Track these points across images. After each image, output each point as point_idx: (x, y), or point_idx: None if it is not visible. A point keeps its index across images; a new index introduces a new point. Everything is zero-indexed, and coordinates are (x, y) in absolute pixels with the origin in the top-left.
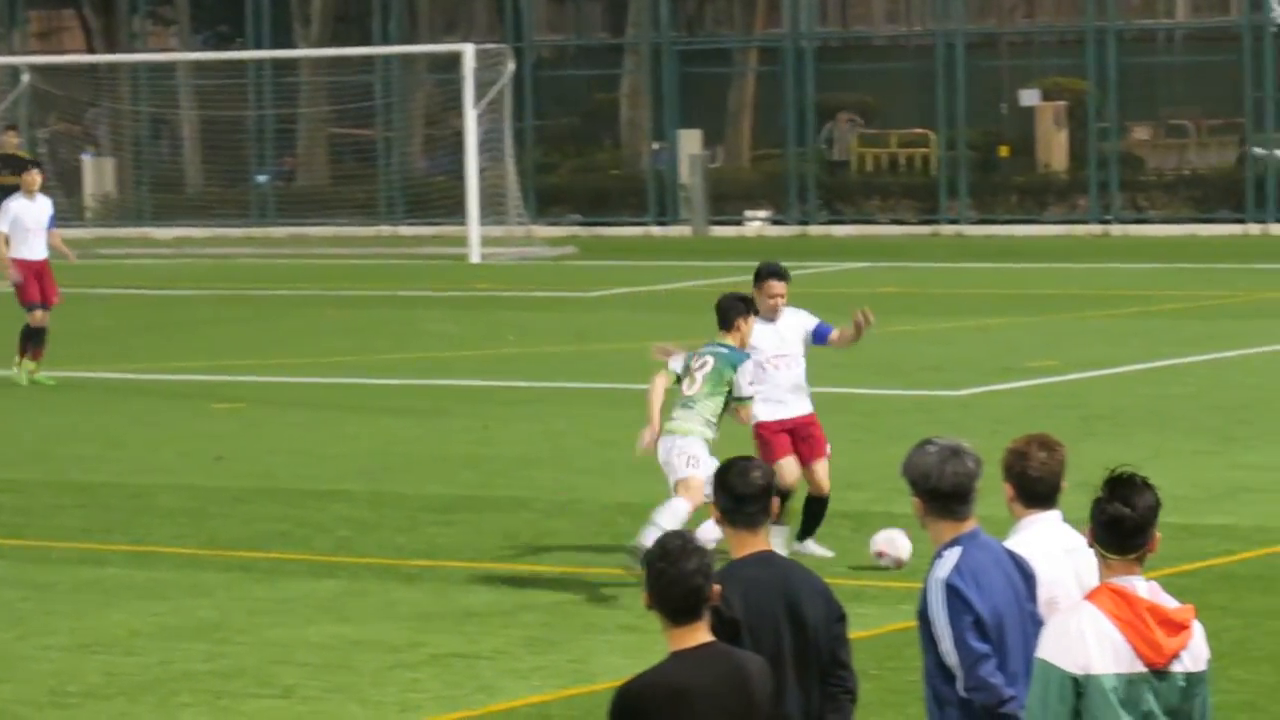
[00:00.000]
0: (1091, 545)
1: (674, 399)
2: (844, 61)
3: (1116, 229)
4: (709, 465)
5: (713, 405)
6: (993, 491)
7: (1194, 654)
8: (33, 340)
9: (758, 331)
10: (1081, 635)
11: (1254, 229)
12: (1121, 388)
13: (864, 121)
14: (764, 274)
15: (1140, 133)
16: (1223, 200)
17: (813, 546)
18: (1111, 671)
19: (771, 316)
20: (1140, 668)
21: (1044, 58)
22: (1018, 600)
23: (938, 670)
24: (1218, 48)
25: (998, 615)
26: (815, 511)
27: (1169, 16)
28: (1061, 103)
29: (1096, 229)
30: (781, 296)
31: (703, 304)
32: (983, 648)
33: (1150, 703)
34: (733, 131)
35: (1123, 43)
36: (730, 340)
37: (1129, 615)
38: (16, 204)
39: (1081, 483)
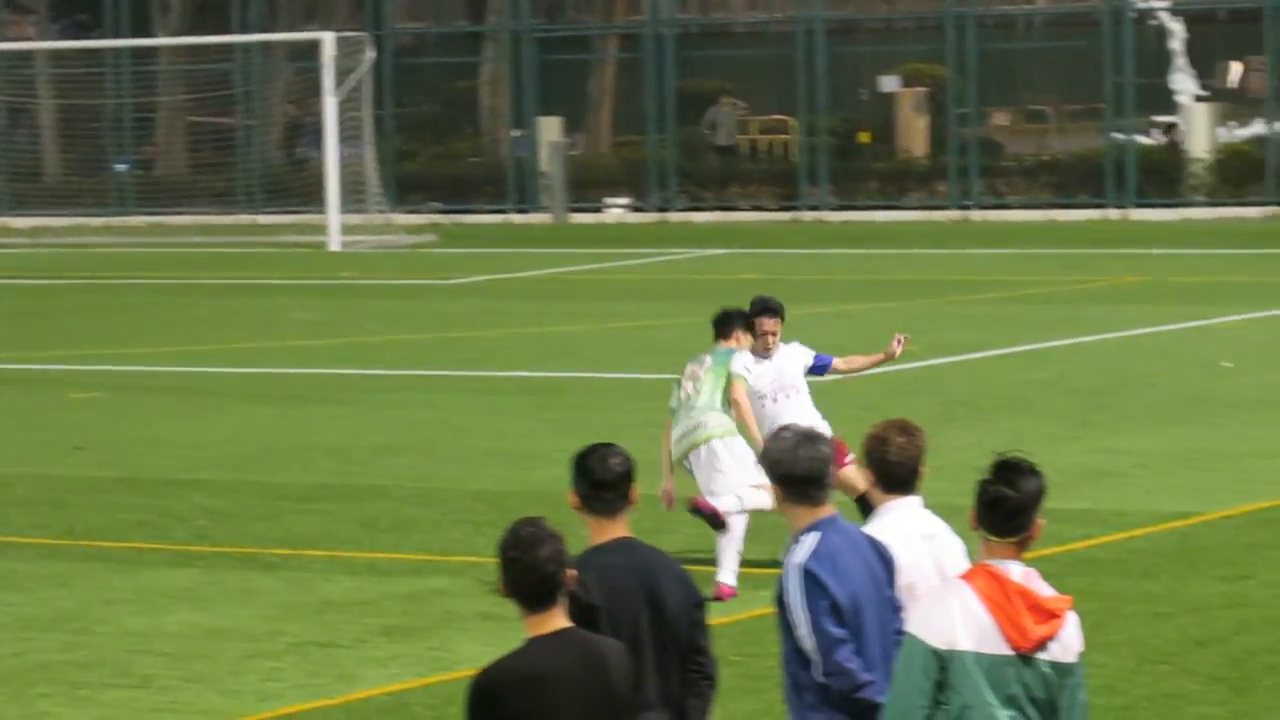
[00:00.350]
0: (975, 527)
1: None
2: (704, 48)
3: (976, 214)
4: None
5: (722, 396)
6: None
7: (1064, 644)
8: None
9: (755, 371)
10: (949, 612)
11: (1113, 214)
12: (981, 373)
13: (747, 107)
14: (756, 309)
15: (1000, 118)
16: (1082, 185)
17: None
18: (975, 649)
19: (765, 353)
20: (1005, 650)
21: (904, 44)
22: (876, 586)
23: (795, 656)
24: (1077, 33)
25: (855, 600)
26: None
27: (1029, 2)
28: (921, 89)
29: (956, 215)
30: (773, 334)
31: (563, 291)
32: (839, 633)
33: (1015, 687)
34: (593, 119)
35: (983, 29)
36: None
37: (999, 597)
38: None
39: (942, 467)
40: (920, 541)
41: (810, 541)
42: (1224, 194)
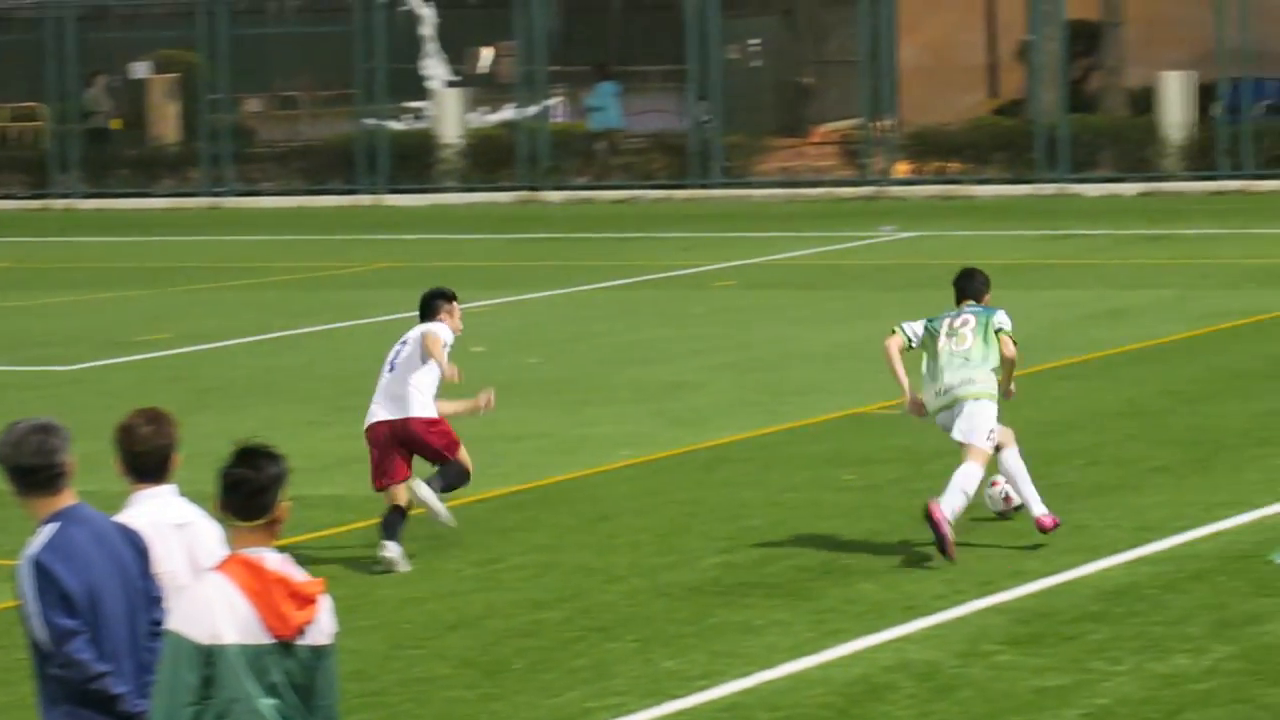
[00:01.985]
0: (220, 513)
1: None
2: None
3: (229, 201)
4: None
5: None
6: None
7: (320, 627)
8: None
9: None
10: (209, 605)
11: (365, 200)
12: (233, 360)
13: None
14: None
15: (252, 105)
16: (335, 171)
17: None
18: (239, 642)
19: None
20: (267, 639)
21: (156, 30)
22: (123, 576)
23: (35, 648)
24: (329, 19)
25: (93, 591)
26: None
27: None
28: (173, 75)
29: (208, 201)
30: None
31: None
32: (70, 624)
33: (276, 674)
34: None
35: (234, 14)
36: None
37: (258, 586)
38: None
39: (194, 455)
40: (170, 530)
41: (47, 533)
42: (476, 179)
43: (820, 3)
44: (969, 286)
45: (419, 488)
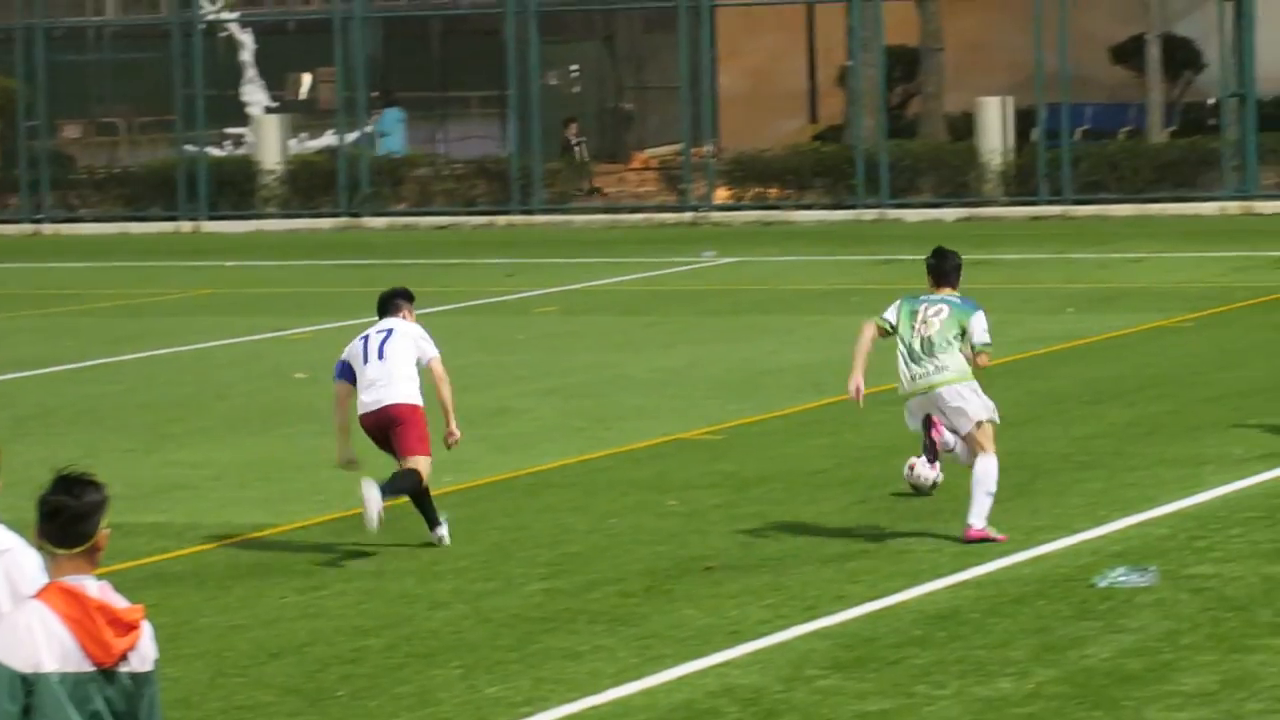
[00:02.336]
0: (39, 542)
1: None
2: None
3: (48, 228)
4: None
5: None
6: None
7: (141, 654)
8: None
9: None
10: (31, 633)
11: (186, 226)
12: (53, 387)
13: None
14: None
15: (72, 131)
16: (155, 198)
17: None
18: (59, 670)
19: None
20: (88, 667)
21: None
22: None
23: None
24: (148, 45)
25: None
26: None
27: (99, 14)
28: None
29: (29, 228)
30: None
31: None
32: None
33: (98, 703)
34: None
35: (52, 40)
36: None
37: (79, 614)
38: None
39: (13, 483)
40: None
41: None
42: (296, 205)
43: (640, 29)
44: (940, 268)
45: (367, 486)
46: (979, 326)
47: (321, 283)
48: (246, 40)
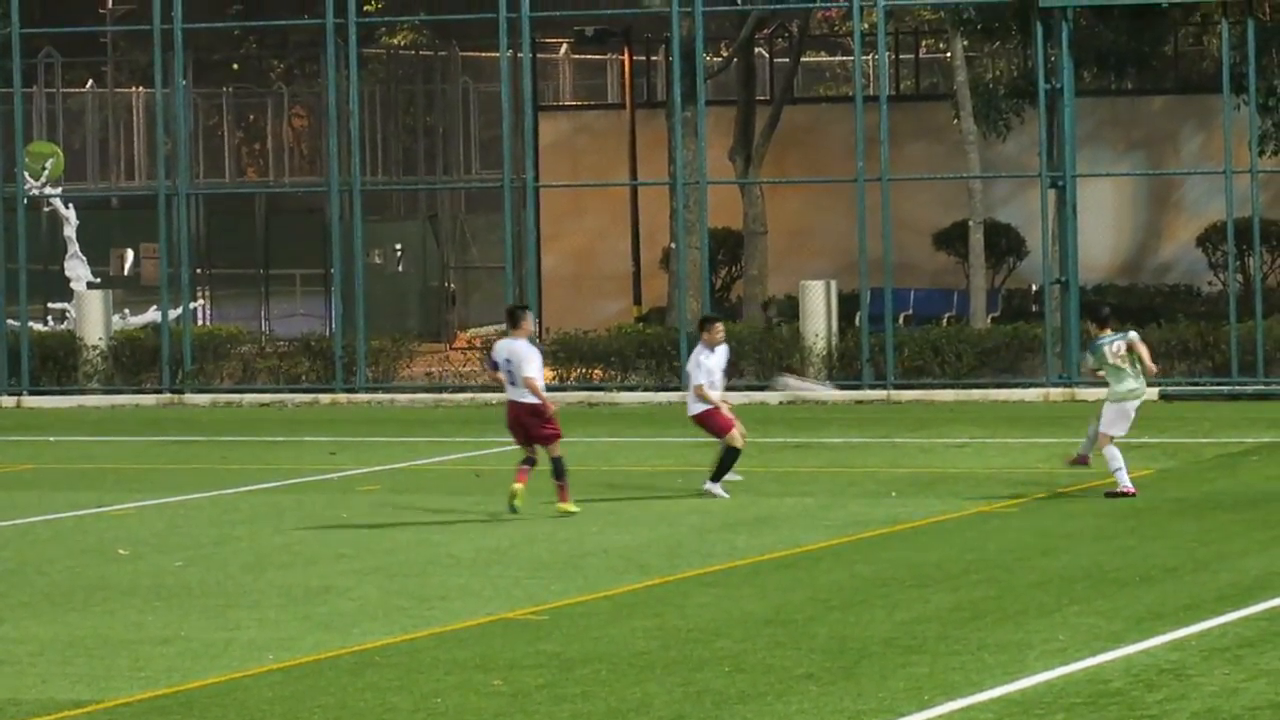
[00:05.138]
0: None
1: None
2: None
3: None
4: None
5: None
6: None
7: None
8: None
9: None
10: None
11: (7, 401)
12: None
13: None
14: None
15: None
16: None
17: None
18: None
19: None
20: None
21: None
22: None
23: None
24: None
25: None
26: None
27: None
28: None
29: None
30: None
31: None
32: None
33: None
34: None
35: None
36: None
37: None
38: None
39: None
40: None
41: None
42: (119, 381)
43: (464, 209)
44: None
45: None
46: (1133, 337)
47: (145, 459)
48: (70, 215)
